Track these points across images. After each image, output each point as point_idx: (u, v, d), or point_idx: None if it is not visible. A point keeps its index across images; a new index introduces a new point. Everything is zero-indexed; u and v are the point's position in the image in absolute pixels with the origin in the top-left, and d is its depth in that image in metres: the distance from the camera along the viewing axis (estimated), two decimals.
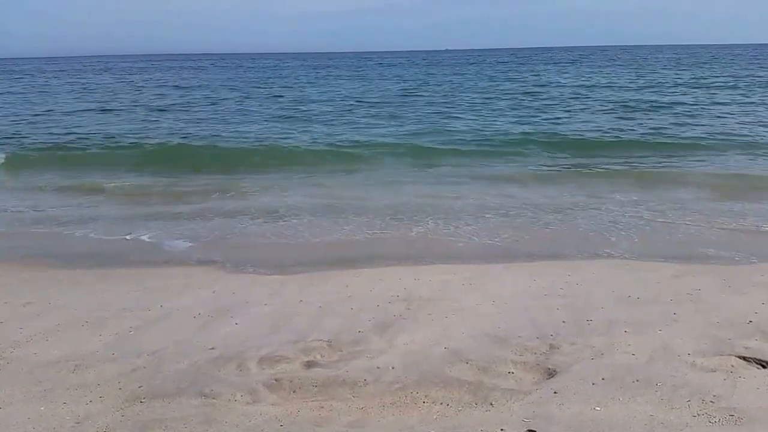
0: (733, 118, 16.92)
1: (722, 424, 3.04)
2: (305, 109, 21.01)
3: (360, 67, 52.73)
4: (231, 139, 15.12)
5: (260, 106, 22.30)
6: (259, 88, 30.97)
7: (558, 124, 16.54)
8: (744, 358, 3.71)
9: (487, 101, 22.36)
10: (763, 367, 3.62)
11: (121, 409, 3.30)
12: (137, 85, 34.87)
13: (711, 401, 3.23)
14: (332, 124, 17.26)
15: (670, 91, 24.35)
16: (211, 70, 49.89)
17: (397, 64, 55.55)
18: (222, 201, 9.36)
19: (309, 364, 3.79)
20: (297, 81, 35.76)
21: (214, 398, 3.38)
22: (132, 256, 6.64)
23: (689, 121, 16.62)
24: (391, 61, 65.92)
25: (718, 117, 17.17)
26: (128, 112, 21.18)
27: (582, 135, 14.58)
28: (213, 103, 23.48)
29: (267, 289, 5.30)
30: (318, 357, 3.90)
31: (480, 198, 9.06)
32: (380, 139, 14.68)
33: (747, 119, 16.56)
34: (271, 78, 39.78)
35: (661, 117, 17.49)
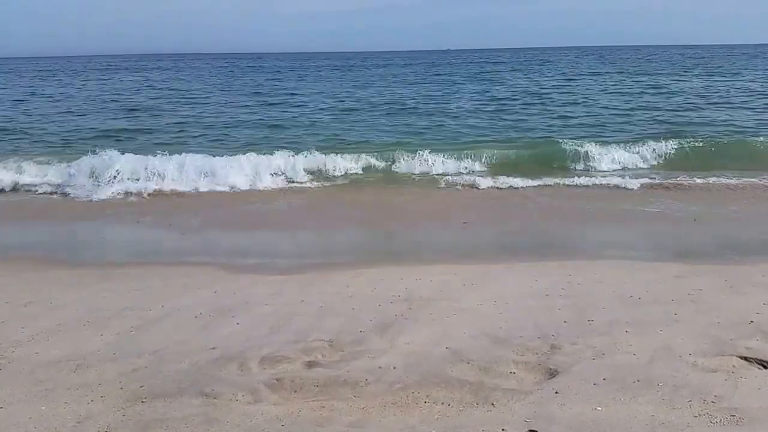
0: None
1: (723, 424, 3.04)
2: (300, 110, 20.87)
3: (359, 67, 52.72)
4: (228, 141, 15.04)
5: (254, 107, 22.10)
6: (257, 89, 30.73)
7: (559, 124, 16.53)
8: (745, 359, 3.71)
9: (488, 101, 22.33)
10: (765, 367, 3.62)
11: (123, 408, 3.30)
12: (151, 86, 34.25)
13: (712, 401, 3.23)
14: (330, 125, 17.21)
15: (675, 92, 24.21)
16: (207, 70, 49.76)
17: (396, 65, 55.55)
18: (219, 201, 9.37)
19: (310, 364, 3.79)
20: (296, 81, 35.65)
21: (215, 398, 3.38)
22: (132, 256, 6.63)
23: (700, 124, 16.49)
24: (391, 61, 65.92)
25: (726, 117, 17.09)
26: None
27: (583, 135, 14.56)
28: (194, 105, 22.95)
29: (268, 288, 5.29)
30: (319, 357, 3.90)
31: (481, 198, 9.06)
32: (378, 139, 14.66)
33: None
34: (270, 80, 39.60)
35: (663, 117, 17.45)
